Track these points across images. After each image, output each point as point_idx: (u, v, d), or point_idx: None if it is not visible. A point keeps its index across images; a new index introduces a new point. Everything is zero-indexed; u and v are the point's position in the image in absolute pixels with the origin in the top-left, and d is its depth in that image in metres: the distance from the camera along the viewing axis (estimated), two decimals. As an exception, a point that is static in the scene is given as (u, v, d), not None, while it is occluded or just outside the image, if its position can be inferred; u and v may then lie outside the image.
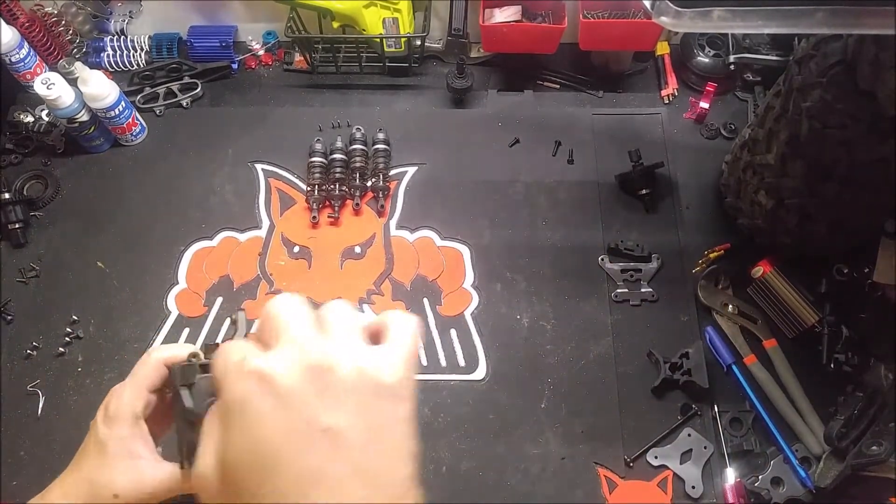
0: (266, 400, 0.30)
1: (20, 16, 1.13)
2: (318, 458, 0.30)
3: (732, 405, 0.91)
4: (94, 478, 0.46)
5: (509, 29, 1.10)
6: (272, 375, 0.31)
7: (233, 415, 0.31)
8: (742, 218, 0.99)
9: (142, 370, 0.47)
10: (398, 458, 0.32)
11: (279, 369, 0.31)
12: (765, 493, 0.85)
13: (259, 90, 1.20)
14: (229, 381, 0.32)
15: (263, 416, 0.30)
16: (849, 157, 0.76)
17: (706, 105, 1.12)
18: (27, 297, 1.00)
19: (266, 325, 0.34)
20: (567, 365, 0.94)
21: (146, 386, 0.47)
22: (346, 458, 0.30)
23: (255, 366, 0.31)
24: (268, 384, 0.31)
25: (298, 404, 0.30)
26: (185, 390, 0.42)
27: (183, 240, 1.05)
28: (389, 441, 0.32)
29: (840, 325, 0.90)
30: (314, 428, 0.30)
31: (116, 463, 0.45)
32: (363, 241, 1.05)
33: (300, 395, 0.31)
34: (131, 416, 0.46)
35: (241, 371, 0.31)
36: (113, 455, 0.45)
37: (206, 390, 0.42)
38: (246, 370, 0.31)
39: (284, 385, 0.31)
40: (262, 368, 0.31)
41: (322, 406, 0.31)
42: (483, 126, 1.14)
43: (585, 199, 1.07)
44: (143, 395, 0.47)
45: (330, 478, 0.30)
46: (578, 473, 0.87)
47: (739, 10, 0.55)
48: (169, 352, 0.47)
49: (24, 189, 1.09)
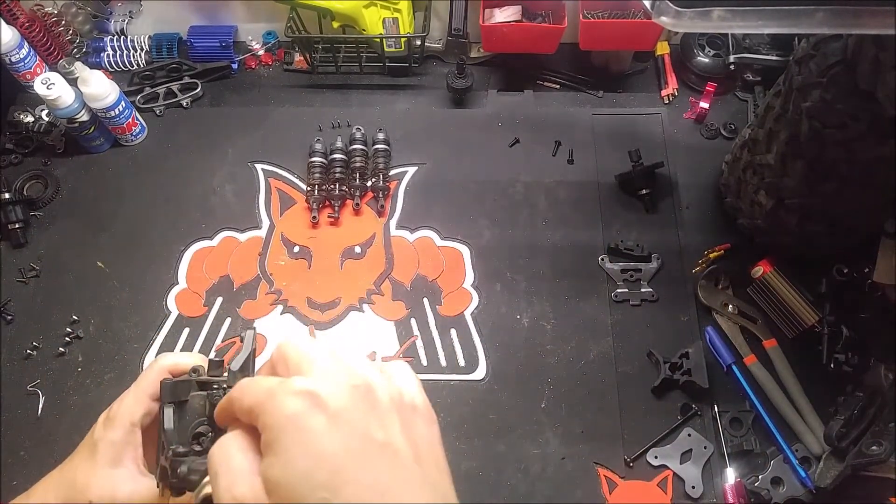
0: (319, 418, 0.30)
1: (20, 16, 1.13)
2: (383, 472, 0.30)
3: (732, 405, 0.91)
4: (76, 478, 0.46)
5: (509, 29, 1.10)
6: (321, 394, 0.31)
7: (285, 433, 0.30)
8: (742, 218, 0.99)
9: (146, 377, 0.47)
10: (445, 473, 0.33)
11: (327, 388, 0.31)
12: (765, 493, 0.85)
13: (259, 90, 1.20)
14: (277, 401, 0.31)
15: (320, 434, 0.30)
16: (849, 157, 0.76)
17: (706, 105, 1.12)
18: (27, 297, 1.01)
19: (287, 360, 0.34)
20: (567, 365, 0.94)
21: (149, 394, 0.47)
22: (407, 470, 0.31)
23: (302, 386, 0.31)
24: (318, 402, 0.30)
25: (352, 421, 0.31)
26: (170, 408, 0.41)
27: (183, 240, 1.05)
28: (433, 457, 0.33)
29: (840, 325, 0.90)
30: (372, 443, 0.30)
31: (98, 468, 0.45)
32: (363, 241, 1.05)
33: (351, 413, 0.31)
34: (128, 422, 0.46)
35: (288, 391, 0.31)
36: (100, 458, 0.45)
37: (198, 410, 0.41)
38: (293, 390, 0.31)
39: (335, 403, 0.31)
40: (309, 388, 0.31)
41: (374, 423, 0.31)
42: (483, 126, 1.14)
43: (585, 199, 1.07)
44: (144, 403, 0.46)
45: (397, 490, 0.30)
46: (578, 473, 0.87)
47: (739, 10, 0.55)
48: (173, 360, 0.47)
49: (24, 189, 1.09)
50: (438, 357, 0.96)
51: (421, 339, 0.97)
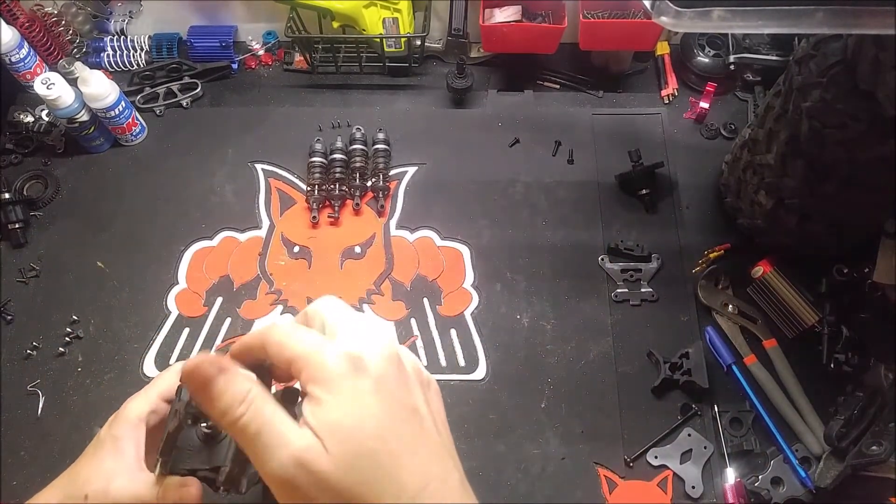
0: (366, 380, 0.34)
1: (20, 16, 1.13)
2: (415, 433, 0.35)
3: (732, 405, 0.91)
4: (78, 473, 0.46)
5: (509, 29, 1.10)
6: (365, 359, 0.34)
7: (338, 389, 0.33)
8: (742, 218, 0.99)
9: (161, 378, 0.48)
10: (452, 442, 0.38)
11: (369, 354, 0.35)
12: (765, 493, 0.85)
13: (259, 90, 1.20)
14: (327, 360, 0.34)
15: (367, 393, 0.34)
16: (849, 157, 0.76)
17: (706, 105, 1.12)
18: (27, 297, 1.00)
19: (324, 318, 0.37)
20: (567, 365, 0.94)
21: (158, 393, 0.47)
22: (430, 435, 0.36)
23: (350, 349, 0.34)
24: (363, 367, 0.34)
25: (390, 387, 0.35)
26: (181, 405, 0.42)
27: (183, 240, 1.05)
28: (446, 427, 0.38)
29: (840, 325, 0.90)
30: (405, 408, 0.35)
31: (99, 462, 0.45)
32: (363, 241, 1.05)
33: (389, 380, 0.35)
34: (134, 417, 0.46)
35: (338, 352, 0.34)
36: (102, 452, 0.45)
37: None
38: (341, 352, 0.34)
39: (376, 369, 0.35)
40: (355, 352, 0.34)
41: (405, 391, 0.36)
42: (483, 126, 1.14)
43: (585, 199, 1.07)
44: (152, 401, 0.47)
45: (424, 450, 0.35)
46: (578, 473, 0.87)
47: (739, 10, 0.55)
48: None
49: (24, 189, 1.09)
50: (438, 357, 0.96)
51: (421, 339, 0.97)
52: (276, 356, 0.36)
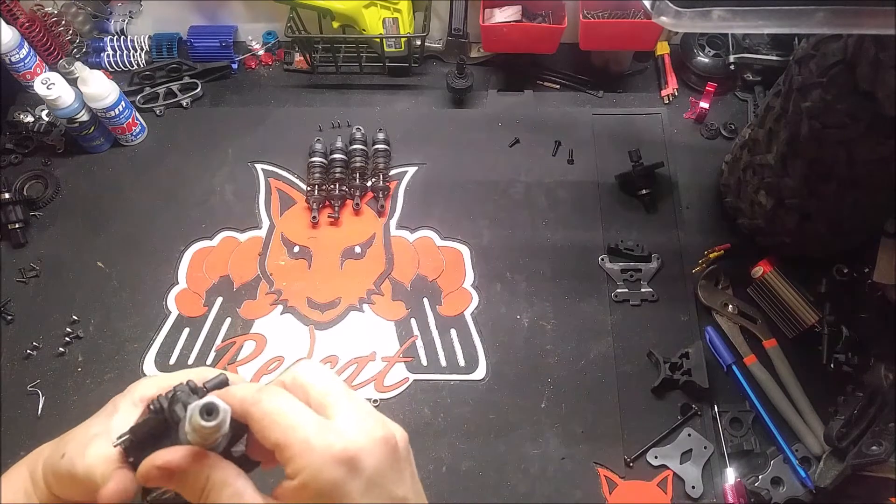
0: (356, 483, 0.34)
1: (20, 16, 1.13)
2: None
3: (732, 405, 0.91)
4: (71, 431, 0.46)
5: (509, 29, 1.10)
6: (359, 458, 0.34)
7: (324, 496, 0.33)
8: (742, 218, 0.99)
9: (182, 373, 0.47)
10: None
11: (364, 449, 0.34)
12: (765, 493, 0.85)
13: (259, 90, 1.20)
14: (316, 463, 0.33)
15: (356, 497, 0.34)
16: (849, 157, 0.76)
17: (706, 105, 1.12)
18: (27, 297, 1.00)
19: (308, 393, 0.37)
20: (567, 365, 0.94)
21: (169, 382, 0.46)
22: None
23: (342, 450, 0.34)
24: (356, 468, 0.34)
25: (382, 483, 0.35)
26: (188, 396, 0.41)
27: (183, 240, 1.05)
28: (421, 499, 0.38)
29: (840, 325, 0.90)
30: (394, 499, 0.35)
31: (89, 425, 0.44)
32: (363, 241, 1.05)
33: (382, 474, 0.35)
34: (138, 397, 0.46)
35: (329, 456, 0.33)
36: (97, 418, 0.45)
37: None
38: (334, 456, 0.33)
39: (370, 466, 0.34)
40: (349, 453, 0.34)
41: (396, 479, 0.36)
42: (483, 126, 1.14)
43: (585, 199, 1.07)
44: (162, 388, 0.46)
45: None
46: (578, 473, 0.87)
47: (739, 10, 0.55)
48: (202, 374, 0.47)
49: (24, 189, 1.09)
50: (438, 357, 0.96)
51: (421, 339, 0.97)
52: (260, 432, 0.35)
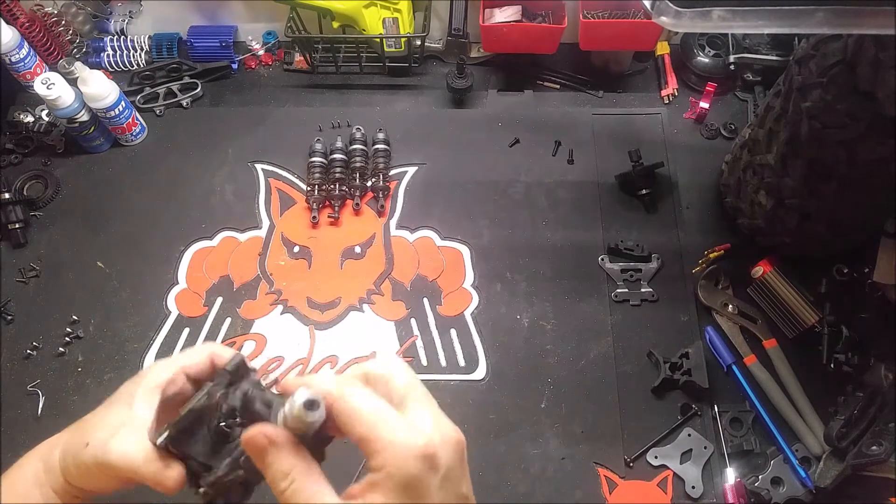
0: (434, 478, 0.37)
1: (20, 16, 1.13)
2: None
3: (732, 405, 0.91)
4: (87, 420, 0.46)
5: (509, 29, 1.10)
6: (438, 456, 0.37)
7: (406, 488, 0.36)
8: (742, 218, 0.99)
9: (188, 353, 0.47)
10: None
11: (442, 449, 0.38)
12: (765, 493, 0.85)
13: (259, 90, 1.20)
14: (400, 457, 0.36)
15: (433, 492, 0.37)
16: (849, 157, 0.76)
17: (706, 105, 1.12)
18: (27, 297, 1.00)
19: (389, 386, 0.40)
20: (567, 365, 0.94)
21: (182, 366, 0.46)
22: None
23: (424, 447, 0.37)
24: (434, 465, 0.37)
25: (453, 480, 0.38)
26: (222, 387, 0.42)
27: (183, 240, 1.05)
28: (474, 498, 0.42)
29: (840, 325, 0.90)
30: (460, 497, 0.39)
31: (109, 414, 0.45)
32: (363, 241, 1.05)
33: (454, 472, 0.38)
34: (154, 384, 0.45)
35: (412, 451, 0.36)
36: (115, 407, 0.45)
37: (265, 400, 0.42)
38: (416, 452, 0.36)
39: (446, 464, 0.38)
40: (429, 451, 0.37)
41: (464, 479, 0.40)
42: (483, 126, 1.14)
43: (585, 199, 1.07)
44: (174, 372, 0.46)
45: None
46: (578, 473, 0.87)
47: (739, 10, 0.55)
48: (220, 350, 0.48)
49: (24, 189, 1.09)
50: (438, 357, 0.96)
51: (421, 339, 0.97)
52: (345, 425, 0.37)
